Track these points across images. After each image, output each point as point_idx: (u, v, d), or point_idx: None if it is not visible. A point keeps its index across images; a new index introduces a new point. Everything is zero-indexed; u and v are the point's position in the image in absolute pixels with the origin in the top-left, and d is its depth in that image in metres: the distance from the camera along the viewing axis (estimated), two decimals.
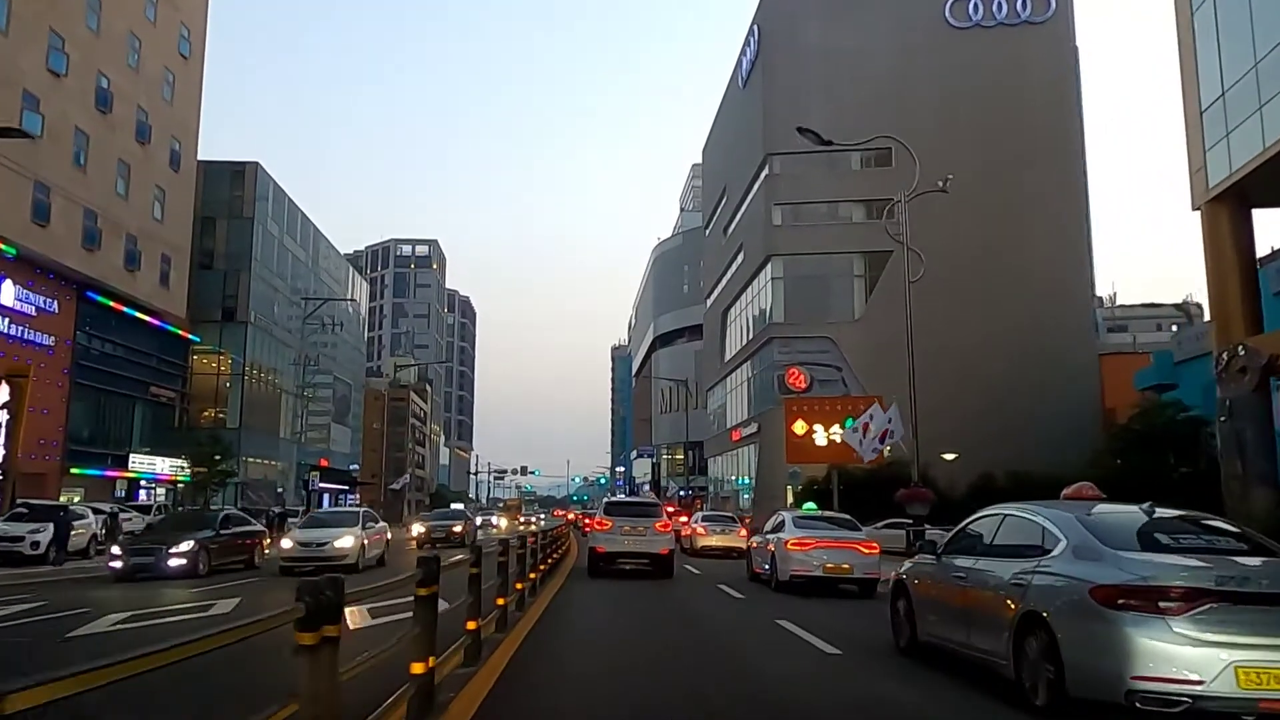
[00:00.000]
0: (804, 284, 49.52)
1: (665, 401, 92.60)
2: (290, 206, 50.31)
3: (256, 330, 44.96)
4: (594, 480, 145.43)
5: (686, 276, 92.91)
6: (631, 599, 14.24)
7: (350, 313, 66.29)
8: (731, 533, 27.90)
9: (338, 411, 60.86)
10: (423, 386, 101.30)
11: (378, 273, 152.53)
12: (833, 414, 32.41)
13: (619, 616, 12.14)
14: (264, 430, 45.82)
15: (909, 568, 9.41)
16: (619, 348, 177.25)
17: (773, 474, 46.99)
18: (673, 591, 15.84)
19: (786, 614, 11.90)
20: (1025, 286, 45.79)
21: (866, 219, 49.08)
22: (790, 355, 48.23)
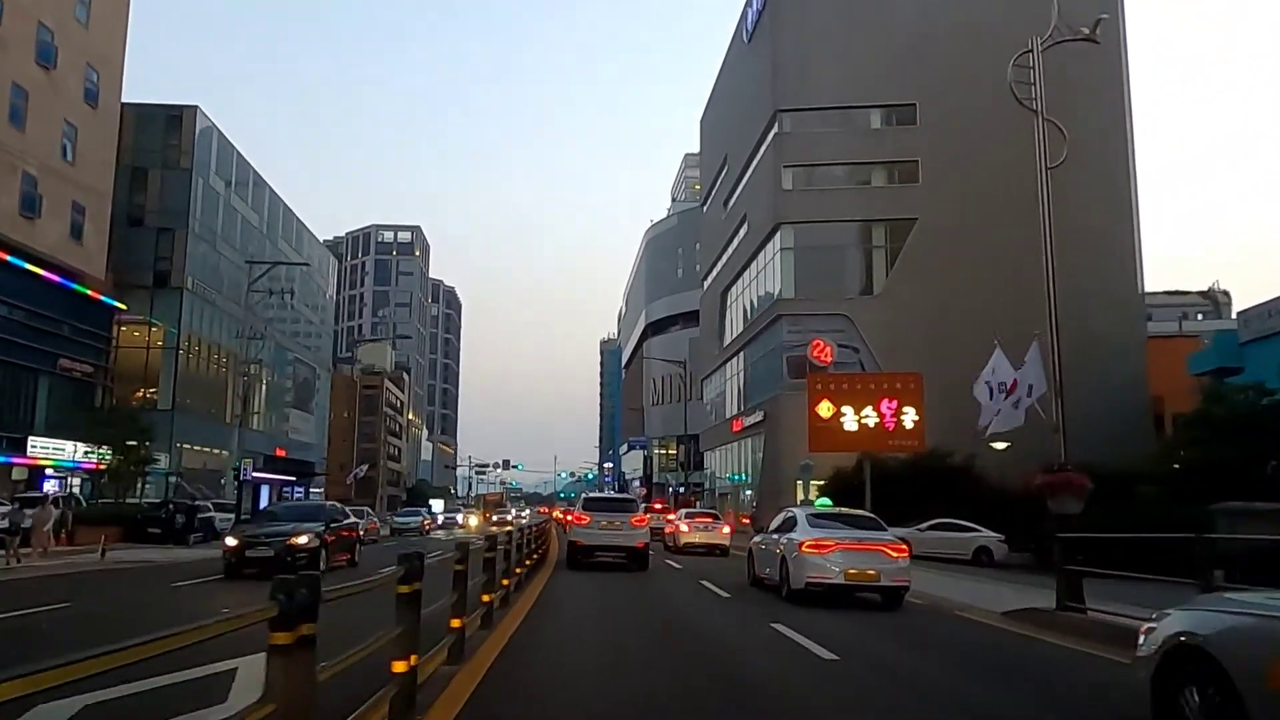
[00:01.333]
0: (817, 255, 44.28)
1: (657, 392, 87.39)
2: (239, 162, 44.53)
3: (195, 299, 39.30)
4: (581, 476, 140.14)
5: (680, 260, 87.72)
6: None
7: (317, 289, 60.54)
8: (713, 530, 27.56)
9: (299, 396, 55.23)
10: (399, 374, 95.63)
11: (358, 259, 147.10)
12: (865, 394, 27.21)
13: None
14: (204, 414, 40.23)
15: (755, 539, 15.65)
16: (608, 341, 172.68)
17: (780, 467, 41.99)
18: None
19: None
20: (1064, 255, 40.55)
21: (888, 183, 44.01)
22: (801, 335, 42.97)
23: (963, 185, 42.12)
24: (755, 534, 18.88)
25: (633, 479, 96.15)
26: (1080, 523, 12.58)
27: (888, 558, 12.88)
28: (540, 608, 11.73)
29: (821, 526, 13.61)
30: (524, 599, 12.48)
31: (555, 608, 12.11)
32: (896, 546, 13.17)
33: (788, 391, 42.42)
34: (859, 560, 12.75)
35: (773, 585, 14.17)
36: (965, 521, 25.38)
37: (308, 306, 57.24)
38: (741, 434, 50.57)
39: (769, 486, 43.86)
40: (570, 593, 14.54)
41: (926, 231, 41.89)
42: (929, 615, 12.70)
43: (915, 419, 26.80)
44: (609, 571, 18.43)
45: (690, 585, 16.58)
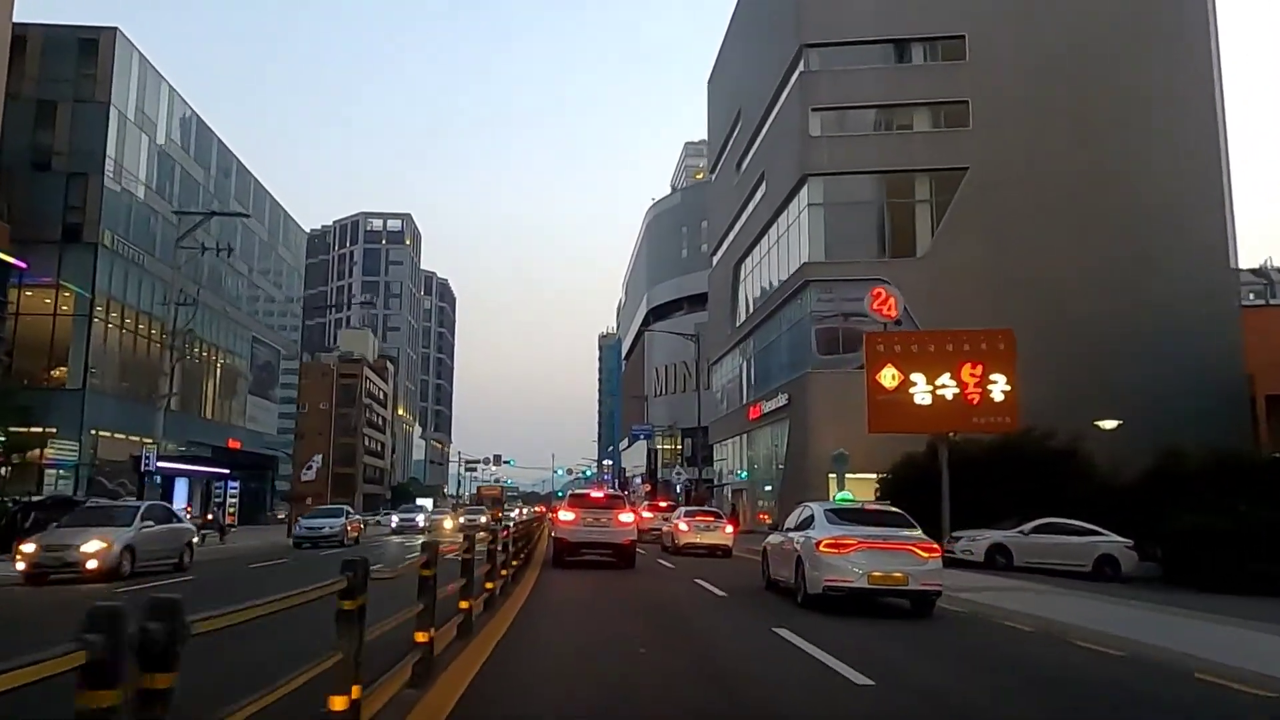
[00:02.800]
0: (850, 212, 38.17)
1: (660, 383, 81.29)
2: (172, 99, 38.06)
3: (114, 258, 33.00)
4: (579, 473, 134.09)
5: (685, 239, 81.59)
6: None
7: (280, 260, 54.21)
8: (716, 530, 25.21)
9: (259, 382, 49.00)
10: (382, 363, 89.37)
11: (346, 249, 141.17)
12: (941, 357, 21.18)
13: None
14: (128, 395, 34.05)
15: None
16: (606, 336, 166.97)
17: (807, 458, 36.06)
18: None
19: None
20: (1141, 216, 34.69)
21: (933, 128, 37.83)
22: (832, 303, 36.95)
23: (1020, 129, 36.16)
24: (770, 532, 17.18)
25: (634, 475, 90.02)
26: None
27: (917, 558, 11.50)
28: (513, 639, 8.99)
29: (842, 523, 12.20)
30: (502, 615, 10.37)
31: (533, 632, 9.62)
32: (927, 545, 11.76)
33: (817, 370, 36.46)
34: (885, 561, 11.42)
35: (788, 589, 12.91)
36: (1080, 522, 19.25)
37: (270, 281, 50.90)
38: (759, 422, 44.46)
39: (793, 481, 37.87)
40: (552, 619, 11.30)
41: (978, 183, 35.88)
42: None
43: (1006, 389, 20.85)
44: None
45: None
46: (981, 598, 13.24)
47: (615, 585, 15.18)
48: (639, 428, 67.63)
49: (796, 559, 12.28)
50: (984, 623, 11.40)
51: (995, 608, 12.29)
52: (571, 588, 14.63)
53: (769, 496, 44.05)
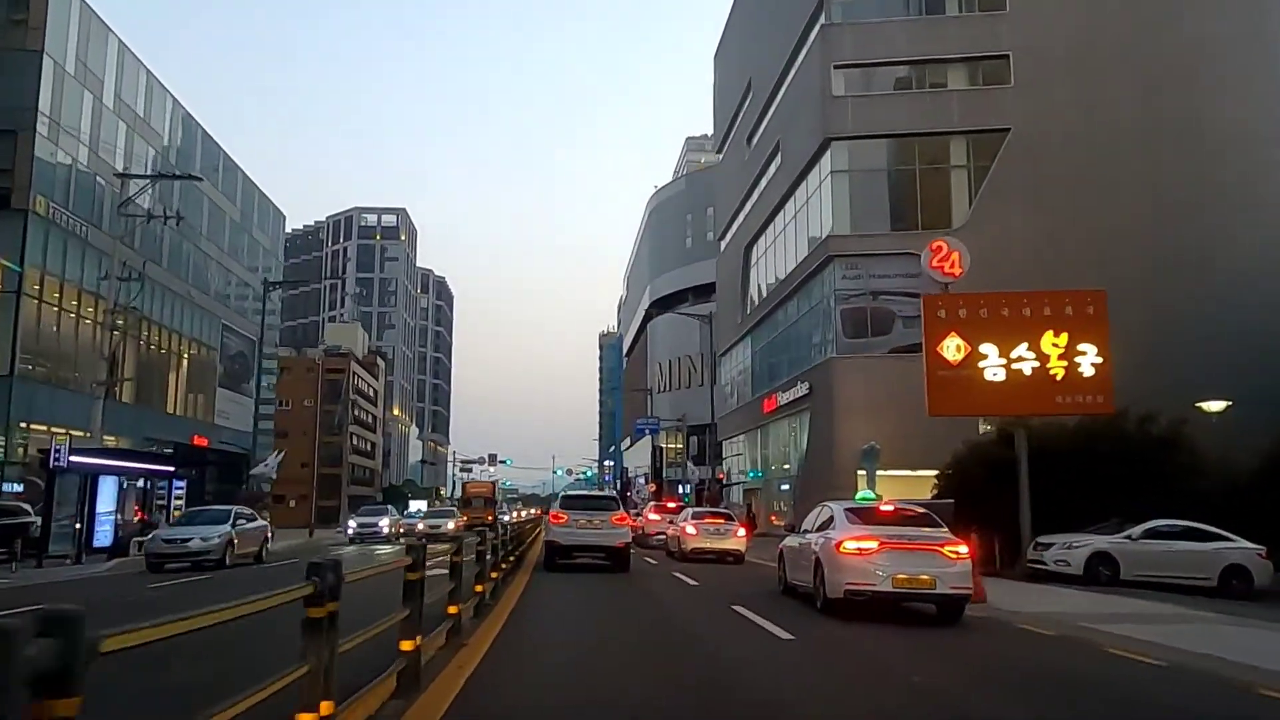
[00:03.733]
0: (878, 180, 34.44)
1: (663, 378, 77.44)
2: (122, 54, 33.65)
3: (49, 227, 28.98)
4: (580, 475, 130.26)
5: (690, 227, 77.74)
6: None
7: (252, 243, 50.35)
8: (727, 534, 23.09)
9: (231, 375, 45.19)
10: (372, 359, 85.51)
11: (339, 245, 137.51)
12: (1017, 323, 17.43)
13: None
14: (66, 385, 30.22)
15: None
16: (607, 335, 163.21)
17: (831, 453, 32.43)
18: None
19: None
20: (1211, 176, 30.90)
21: (970, 85, 34.04)
22: (859, 280, 33.20)
23: (1068, 85, 32.42)
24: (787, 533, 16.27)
25: (636, 476, 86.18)
26: None
27: (945, 560, 10.70)
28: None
29: (864, 523, 11.51)
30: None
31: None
32: (956, 546, 10.86)
33: (843, 355, 32.71)
34: (910, 563, 10.63)
35: (807, 593, 12.05)
36: (1201, 524, 15.41)
37: (243, 265, 47.02)
38: (774, 415, 40.70)
39: (815, 478, 34.16)
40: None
41: (1022, 145, 32.13)
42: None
43: (1098, 361, 17.11)
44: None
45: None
46: (1123, 629, 9.86)
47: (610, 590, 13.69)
48: (643, 422, 63.56)
49: (815, 562, 11.62)
50: (1185, 680, 7.67)
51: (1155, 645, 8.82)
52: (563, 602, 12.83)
53: (786, 496, 40.31)
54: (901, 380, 31.89)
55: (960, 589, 10.70)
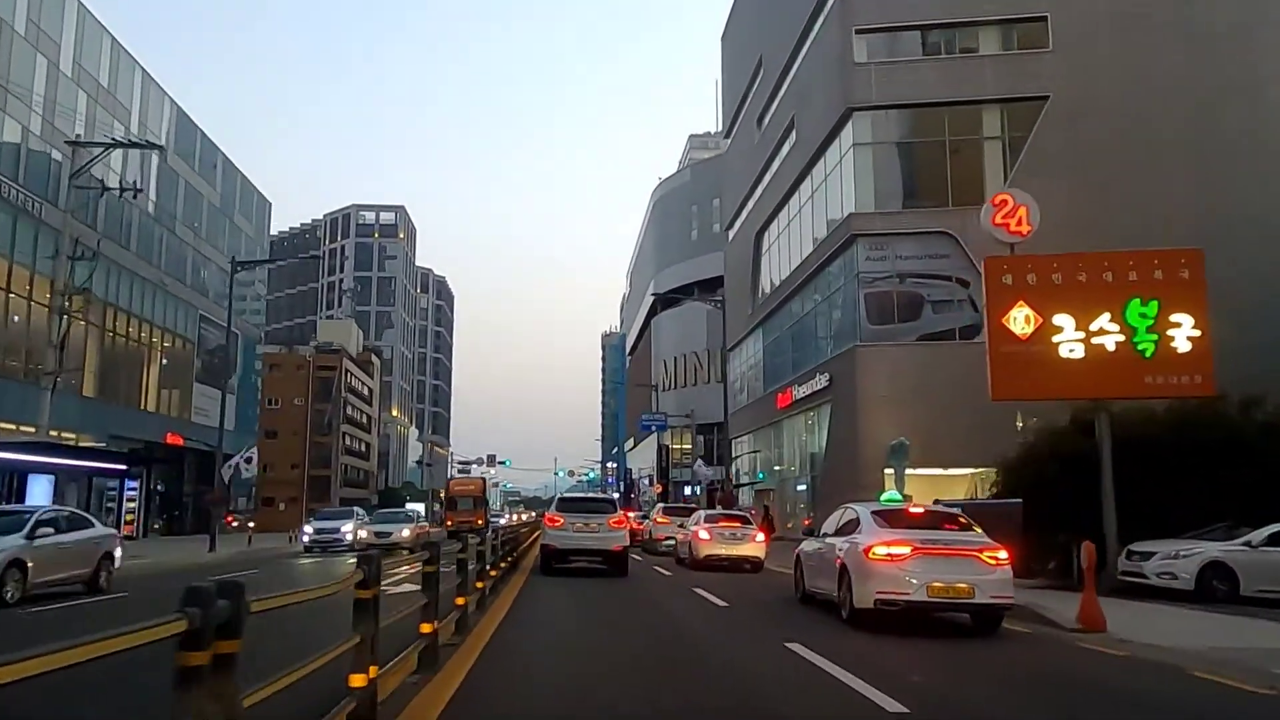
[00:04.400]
0: (905, 153, 31.92)
1: (668, 376, 74.71)
2: (83, 18, 30.21)
3: None
4: (582, 477, 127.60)
5: (695, 219, 75.08)
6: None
7: (233, 229, 47.65)
8: (745, 538, 20.94)
9: (209, 369, 42.47)
10: (368, 356, 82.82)
11: (337, 243, 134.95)
12: (1097, 289, 14.74)
13: None
14: (15, 376, 27.48)
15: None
16: (609, 335, 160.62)
17: (855, 449, 29.85)
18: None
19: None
20: (1262, 137, 28.29)
21: (1003, 50, 31.36)
22: (885, 261, 30.56)
23: (1112, 48, 29.77)
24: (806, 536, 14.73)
25: (641, 477, 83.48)
26: None
27: (984, 566, 10.01)
28: None
29: (893, 526, 10.80)
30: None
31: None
32: (994, 550, 10.10)
33: (868, 343, 30.04)
34: (946, 569, 9.92)
35: (828, 601, 11.48)
36: None
37: (223, 253, 44.22)
38: (789, 410, 38.03)
39: (836, 477, 31.60)
40: None
41: (1061, 114, 29.48)
42: None
43: (1194, 334, 14.37)
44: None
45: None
46: None
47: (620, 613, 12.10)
48: (649, 418, 60.58)
49: (840, 568, 10.95)
50: None
51: None
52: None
53: (802, 497, 37.64)
54: (931, 370, 29.33)
55: (1001, 598, 9.98)
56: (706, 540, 20.37)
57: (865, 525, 11.06)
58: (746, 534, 20.69)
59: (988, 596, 9.87)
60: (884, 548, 10.16)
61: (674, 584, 16.63)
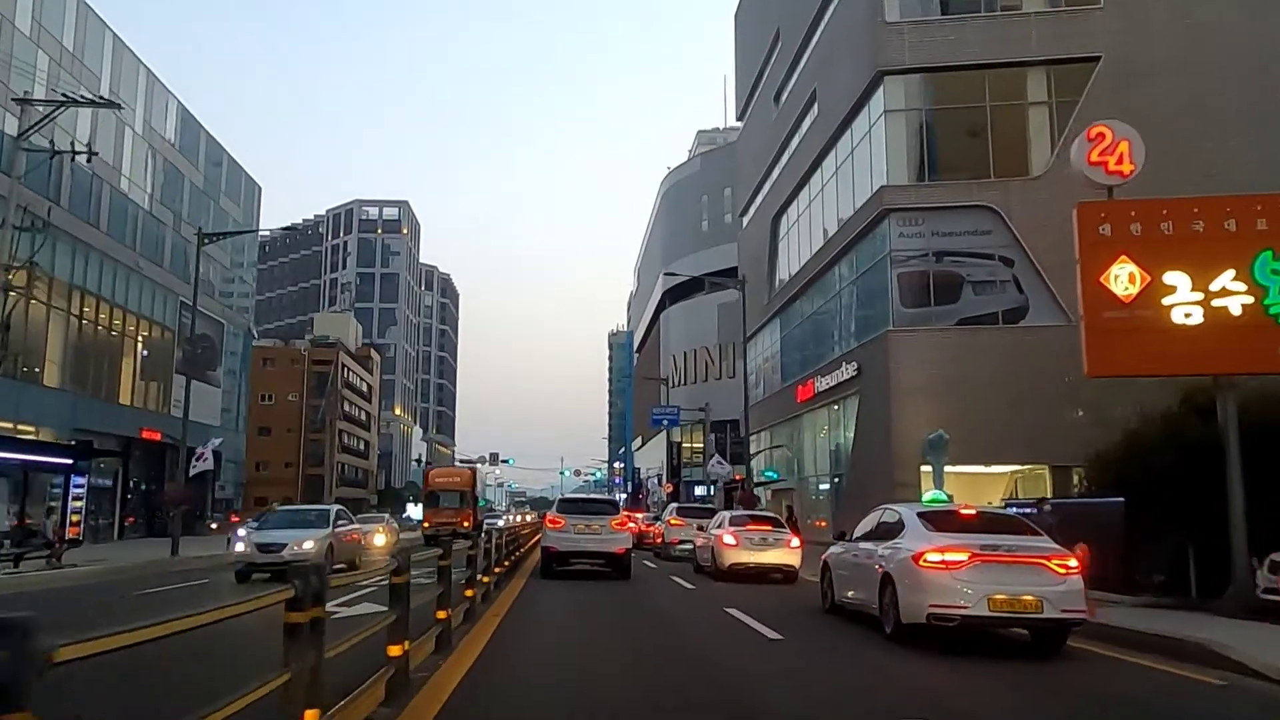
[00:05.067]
0: (941, 121, 29.13)
1: (678, 373, 72.15)
2: None
3: None
4: (588, 476, 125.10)
5: (706, 210, 72.54)
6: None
7: (220, 213, 45.09)
8: (778, 544, 18.17)
9: (190, 360, 39.81)
10: (367, 351, 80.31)
11: (339, 239, 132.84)
12: (1217, 241, 12.08)
13: None
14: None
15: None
16: (616, 334, 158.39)
17: (886, 444, 27.24)
18: None
19: None
20: None
21: (1049, 6, 28.66)
22: (920, 239, 27.87)
23: (1169, 3, 27.11)
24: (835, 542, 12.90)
25: (649, 477, 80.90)
26: None
27: (1052, 575, 8.98)
28: None
29: (943, 529, 9.71)
30: None
31: None
32: (1062, 557, 9.12)
33: (901, 328, 27.38)
34: (1010, 580, 8.91)
35: (865, 615, 10.57)
36: None
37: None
38: (811, 404, 35.37)
39: (864, 475, 29.07)
40: None
41: (1114, 76, 26.76)
42: None
43: None
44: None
45: None
46: None
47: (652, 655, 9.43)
48: (660, 411, 57.51)
49: (882, 577, 9.79)
50: None
51: None
52: None
53: (824, 497, 34.99)
54: (972, 357, 26.66)
55: (1072, 612, 8.98)
56: (733, 546, 17.85)
57: (911, 528, 10.03)
58: (780, 539, 18.20)
59: (1058, 611, 8.81)
60: (938, 554, 9.08)
61: (700, 600, 14.03)
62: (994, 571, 8.96)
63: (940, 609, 8.91)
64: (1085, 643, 9.63)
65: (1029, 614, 8.87)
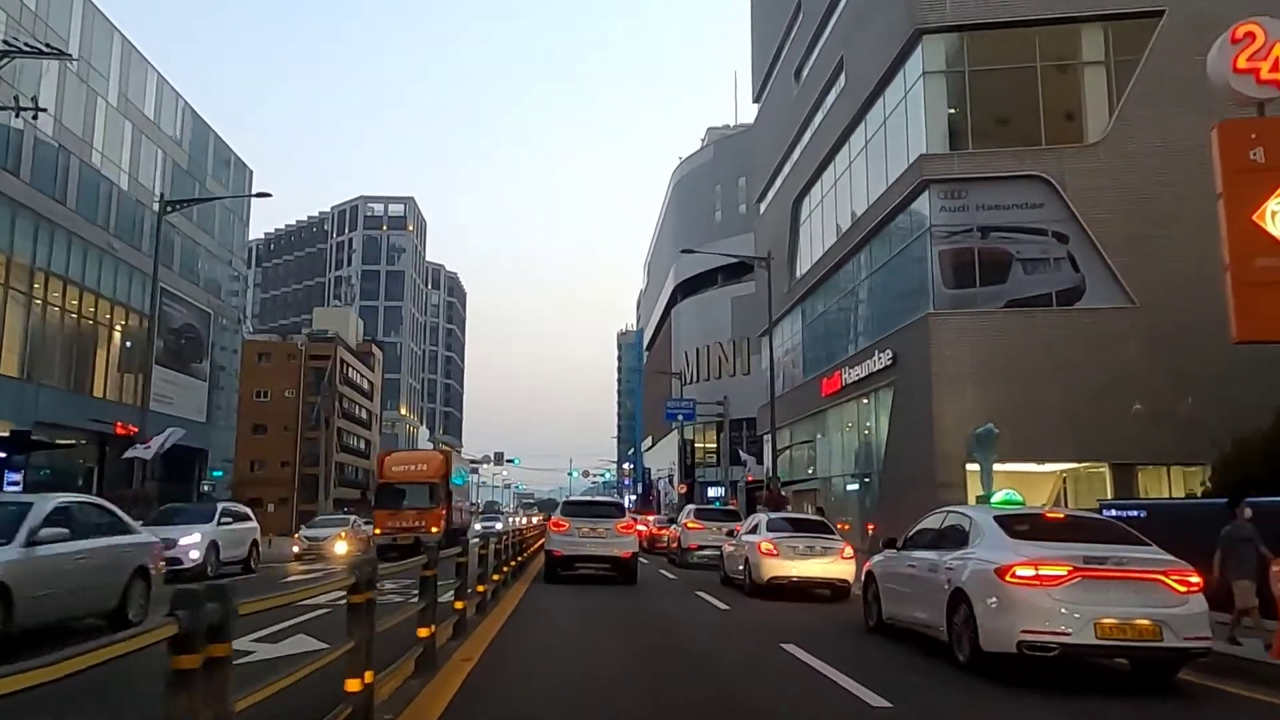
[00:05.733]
0: (986, 84, 26.37)
1: (690, 370, 69.52)
2: None
3: None
4: (597, 477, 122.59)
5: (719, 200, 69.96)
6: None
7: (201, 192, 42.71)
8: (830, 553, 15.03)
9: (174, 352, 37.37)
10: (368, 347, 77.93)
11: (344, 236, 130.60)
12: None
13: None
14: None
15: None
16: (625, 334, 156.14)
17: (922, 440, 24.67)
18: None
19: None
20: None
21: None
22: (964, 212, 25.22)
23: None
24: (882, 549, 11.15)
25: (660, 478, 78.30)
26: None
27: (1171, 594, 7.48)
28: None
29: (1026, 536, 8.21)
30: None
31: None
32: (1182, 571, 7.60)
33: (943, 311, 24.74)
34: (1120, 599, 7.43)
35: (915, 631, 9.39)
36: None
37: (188, 219, 39.20)
38: (837, 397, 32.75)
39: (900, 474, 26.55)
40: None
41: (1180, 30, 24.02)
42: None
43: None
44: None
45: None
46: None
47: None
48: (675, 405, 54.09)
49: (952, 594, 8.26)
50: None
51: None
52: None
53: (850, 498, 32.37)
54: (1022, 343, 23.94)
55: (1196, 640, 7.38)
56: (773, 555, 14.92)
57: (989, 535, 8.48)
58: (830, 547, 15.18)
59: (1179, 638, 7.37)
60: (1029, 568, 7.57)
61: (741, 629, 11.19)
62: (1100, 589, 7.54)
63: (1035, 635, 7.40)
64: (1200, 676, 8.10)
65: (1145, 641, 7.37)
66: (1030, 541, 8.15)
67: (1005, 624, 7.62)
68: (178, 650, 2.89)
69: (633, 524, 18.74)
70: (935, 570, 9.08)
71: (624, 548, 16.95)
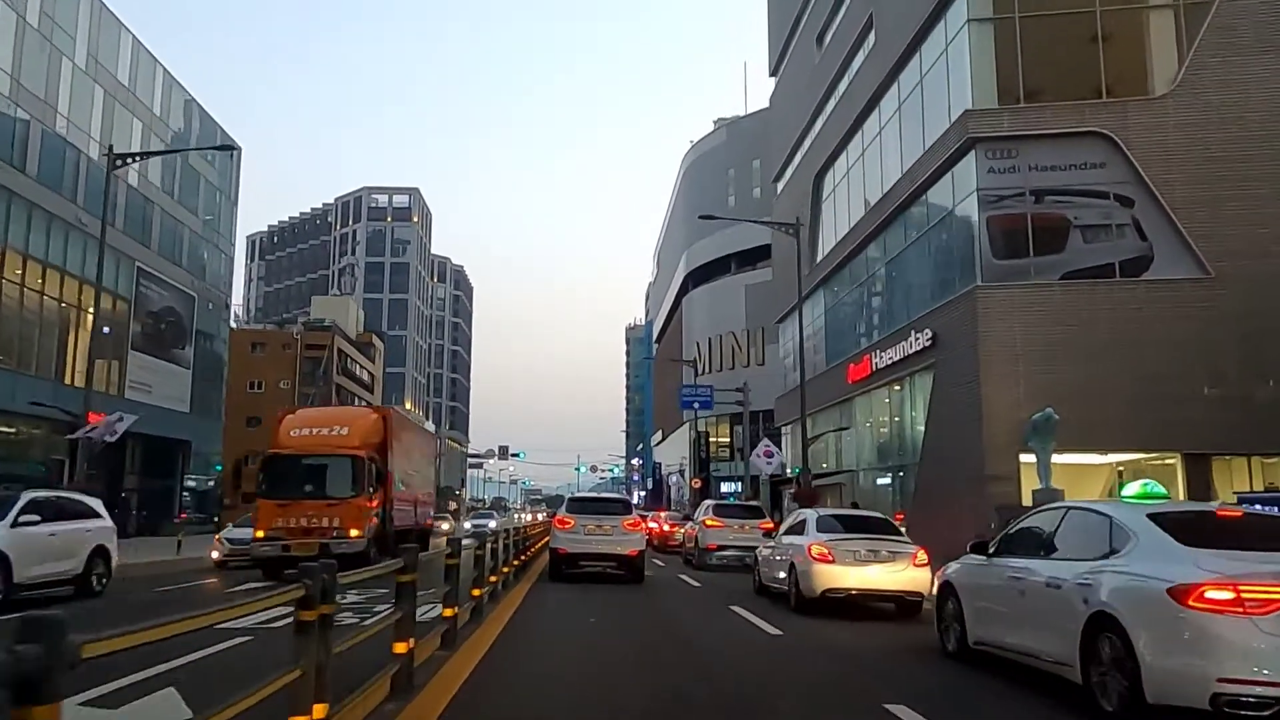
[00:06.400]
0: (1038, 32, 23.71)
1: (703, 361, 66.99)
2: None
3: None
4: (606, 472, 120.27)
5: (732, 184, 67.41)
6: None
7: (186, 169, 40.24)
8: (899, 559, 12.11)
9: (152, 337, 34.95)
10: (368, 338, 75.57)
11: (348, 228, 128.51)
12: None
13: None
14: None
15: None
16: (634, 328, 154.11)
17: (969, 427, 22.17)
18: None
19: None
20: None
21: None
22: (1013, 174, 22.65)
23: None
24: (972, 552, 8.89)
25: (670, 473, 75.82)
26: None
27: None
28: None
29: (1205, 544, 6.22)
30: None
31: None
32: None
33: (992, 285, 22.16)
34: None
35: (1026, 668, 7.46)
36: None
37: (169, 196, 36.73)
38: (865, 384, 30.23)
39: (941, 466, 24.00)
40: None
41: None
42: None
43: None
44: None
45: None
46: None
47: None
48: (690, 392, 50.52)
49: (1090, 620, 6.36)
50: None
51: None
52: None
53: (881, 492, 29.80)
54: (1082, 318, 21.27)
55: None
56: (827, 561, 12.00)
57: (1146, 541, 6.50)
58: (899, 552, 12.20)
59: None
60: (1226, 590, 5.53)
61: (817, 673, 8.09)
62: None
63: (1240, 686, 5.39)
64: None
65: None
66: (1210, 550, 6.11)
67: (1189, 668, 5.60)
68: None
69: (640, 521, 18.43)
70: (1059, 586, 7.03)
71: (631, 545, 16.71)
